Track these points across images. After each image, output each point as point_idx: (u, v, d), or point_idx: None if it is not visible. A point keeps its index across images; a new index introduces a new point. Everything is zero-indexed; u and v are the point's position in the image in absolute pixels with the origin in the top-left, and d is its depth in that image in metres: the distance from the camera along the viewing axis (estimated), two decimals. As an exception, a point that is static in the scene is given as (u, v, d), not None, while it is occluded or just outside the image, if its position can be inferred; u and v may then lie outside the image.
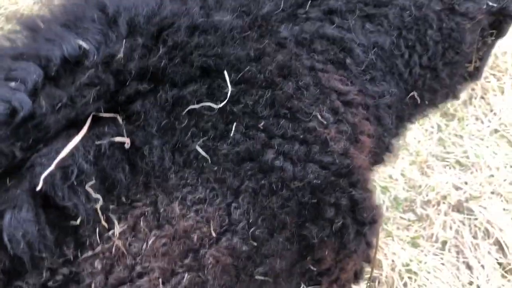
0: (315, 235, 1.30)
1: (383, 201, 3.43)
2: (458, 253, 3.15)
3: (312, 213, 1.33)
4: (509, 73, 4.00)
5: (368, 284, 2.85)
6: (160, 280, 1.14)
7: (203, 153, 1.25)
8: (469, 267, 3.08)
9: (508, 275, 3.01)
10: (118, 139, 1.15)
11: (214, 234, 1.20)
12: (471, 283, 2.99)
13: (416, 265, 3.05)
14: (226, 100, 1.28)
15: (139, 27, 1.28)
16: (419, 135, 3.76)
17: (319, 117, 1.37)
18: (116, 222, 1.14)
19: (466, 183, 3.43)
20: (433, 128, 3.82)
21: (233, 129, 1.29)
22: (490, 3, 1.80)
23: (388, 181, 3.54)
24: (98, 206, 1.11)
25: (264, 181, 1.29)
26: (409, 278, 2.99)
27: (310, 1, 1.55)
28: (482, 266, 3.05)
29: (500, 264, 3.07)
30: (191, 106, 1.24)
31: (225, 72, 1.31)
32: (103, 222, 1.12)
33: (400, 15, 1.65)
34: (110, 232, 1.14)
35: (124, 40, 1.23)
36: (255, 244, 1.24)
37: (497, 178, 3.42)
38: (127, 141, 1.15)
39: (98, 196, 1.12)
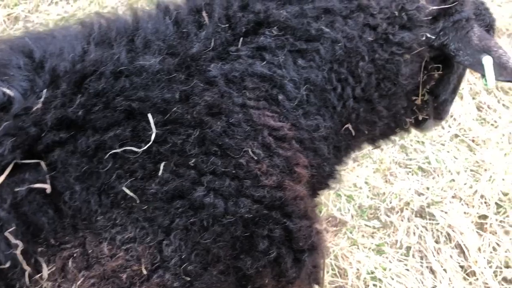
0: (249, 266, 1.34)
1: (348, 210, 3.49)
2: (422, 258, 3.22)
3: (245, 245, 1.36)
4: (466, 78, 4.10)
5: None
6: None
7: (130, 193, 1.27)
8: (432, 271, 3.15)
9: (469, 277, 3.08)
10: (38, 185, 1.17)
11: (145, 272, 1.22)
12: (434, 287, 3.06)
13: (381, 272, 3.10)
14: (150, 143, 1.31)
15: (63, 73, 1.30)
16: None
17: (251, 153, 1.40)
18: (44, 265, 1.15)
19: (428, 188, 3.51)
20: (395, 135, 3.90)
21: (161, 168, 1.32)
22: (428, 35, 1.75)
23: (352, 190, 3.60)
24: (18, 251, 1.12)
25: (195, 218, 1.31)
26: (374, 285, 3.04)
27: (241, 38, 1.56)
28: (445, 270, 3.13)
29: (461, 267, 3.14)
30: (113, 151, 1.26)
31: (149, 115, 1.33)
32: (25, 266, 1.13)
33: (331, 49, 1.63)
34: (38, 275, 1.15)
35: (45, 90, 1.24)
36: (188, 279, 1.27)
37: (458, 182, 3.51)
38: (47, 187, 1.16)
39: (18, 241, 1.13)
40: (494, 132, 3.79)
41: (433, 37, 1.76)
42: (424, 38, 1.74)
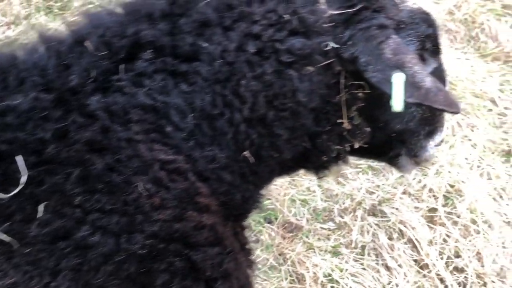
0: None
1: (303, 214, 3.52)
2: (377, 255, 3.28)
3: (143, 281, 1.35)
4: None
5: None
6: None
7: (7, 238, 1.24)
8: (387, 268, 3.21)
9: (423, 270, 3.16)
10: None
11: None
12: (390, 283, 3.12)
13: (338, 273, 3.15)
14: (20, 186, 1.27)
15: None
16: (332, 145, 3.89)
17: (141, 188, 1.36)
18: None
19: (378, 186, 3.58)
20: (345, 136, 3.96)
21: (40, 210, 1.29)
22: (332, 44, 1.50)
23: (306, 194, 3.64)
24: None
25: (83, 258, 1.29)
26: (332, 287, 3.08)
27: (122, 65, 1.46)
28: (400, 265, 3.19)
29: (415, 261, 3.22)
30: None
31: (17, 158, 1.29)
32: None
33: (212, 68, 1.47)
34: None
35: None
36: None
37: (407, 178, 3.59)
38: None
39: None
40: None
41: (338, 46, 1.51)
42: (328, 47, 1.50)
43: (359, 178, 3.67)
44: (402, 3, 1.68)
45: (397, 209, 3.41)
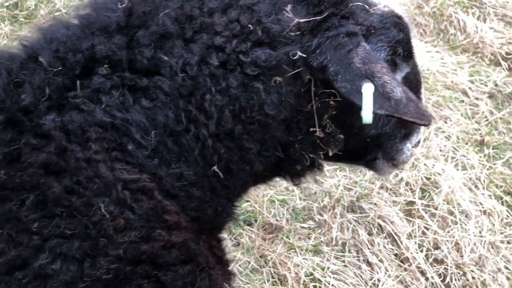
0: None
1: (283, 214, 3.51)
2: (358, 252, 3.29)
3: None
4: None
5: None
6: None
7: None
8: (369, 263, 3.22)
9: (404, 264, 3.18)
10: None
11: None
12: (372, 279, 3.13)
13: (320, 272, 3.14)
14: None
15: None
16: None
17: (103, 210, 1.31)
18: None
19: (356, 182, 3.59)
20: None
21: None
22: (300, 53, 1.45)
23: (285, 194, 3.63)
24: None
25: (43, 287, 1.24)
26: (314, 286, 3.07)
27: (78, 82, 1.40)
28: (381, 260, 3.21)
29: (396, 255, 3.24)
30: None
31: None
32: None
33: (174, 82, 1.41)
34: None
35: None
36: None
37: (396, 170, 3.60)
38: None
39: None
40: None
41: (305, 56, 1.46)
42: (296, 57, 1.45)
43: (337, 175, 3.67)
44: (373, 7, 1.63)
45: (375, 204, 3.43)
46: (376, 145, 1.85)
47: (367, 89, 1.42)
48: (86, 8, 1.57)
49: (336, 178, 3.63)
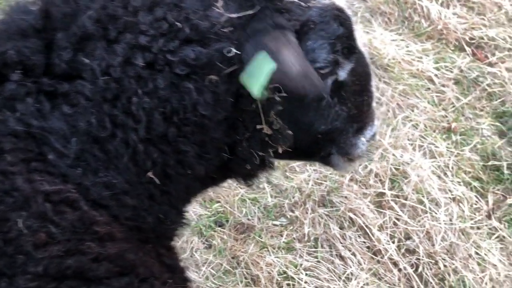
0: None
1: (254, 213, 3.47)
2: (330, 247, 3.27)
3: None
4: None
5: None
6: None
7: None
8: (342, 258, 3.21)
9: (376, 256, 3.18)
10: None
11: None
12: (345, 273, 3.12)
13: (292, 270, 3.12)
14: None
15: None
16: (277, 140, 3.86)
17: (21, 224, 1.24)
18: None
19: (326, 176, 3.57)
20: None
21: None
22: (235, 50, 1.37)
23: (256, 192, 3.59)
24: None
25: None
26: (288, 285, 3.05)
27: None
28: (353, 254, 3.20)
29: (368, 247, 3.23)
30: None
31: None
32: None
33: (97, 86, 1.34)
34: None
35: None
36: None
37: (353, 165, 3.58)
38: None
39: None
40: (380, 110, 3.92)
41: (236, 51, 1.38)
42: (231, 53, 1.37)
43: (307, 170, 3.64)
44: (312, 1, 1.56)
45: (345, 197, 3.42)
46: (328, 141, 1.81)
47: (265, 62, 1.34)
48: (4, 13, 1.48)
49: (307, 173, 3.60)
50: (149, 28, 1.37)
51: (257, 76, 1.33)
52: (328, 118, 1.72)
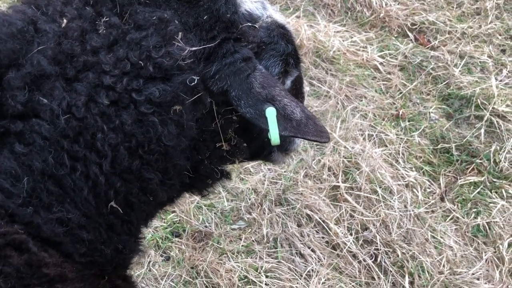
0: None
1: (211, 219, 3.42)
2: (290, 245, 3.25)
3: None
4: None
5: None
6: None
7: None
8: (302, 255, 3.20)
9: (335, 250, 3.18)
10: None
11: None
12: (306, 270, 3.11)
13: (253, 273, 3.08)
14: None
15: None
16: (228, 143, 3.81)
17: None
18: None
19: (280, 175, 3.55)
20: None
21: None
22: (196, 78, 1.41)
23: (212, 198, 3.53)
24: None
25: None
26: (249, 289, 3.02)
27: None
28: (313, 251, 3.19)
29: (327, 242, 3.23)
30: None
31: None
32: None
33: (56, 124, 1.32)
34: None
35: None
36: None
37: (306, 161, 3.59)
38: None
39: None
40: (329, 102, 3.92)
41: (204, 81, 1.47)
42: (195, 82, 1.42)
43: (262, 170, 3.62)
44: (259, 21, 1.64)
45: (301, 194, 3.40)
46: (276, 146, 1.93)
47: (271, 113, 1.48)
48: None
49: (261, 173, 3.58)
50: (112, 68, 1.36)
51: (272, 128, 1.47)
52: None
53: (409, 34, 4.45)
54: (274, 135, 1.47)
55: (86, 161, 1.35)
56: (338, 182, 3.40)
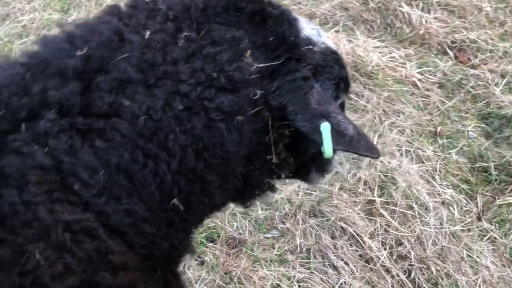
0: None
1: (245, 226, 3.47)
2: (323, 257, 3.27)
3: None
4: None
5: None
6: None
7: None
8: (335, 267, 3.21)
9: (369, 264, 3.18)
10: None
11: None
12: (339, 282, 3.12)
13: (286, 282, 3.11)
14: None
15: None
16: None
17: (38, 256, 1.25)
18: None
19: (315, 186, 3.57)
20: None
21: None
22: (259, 92, 1.55)
23: (246, 205, 3.58)
24: None
25: None
26: (282, 298, 3.04)
27: (23, 124, 1.37)
28: (346, 263, 3.20)
29: (360, 256, 3.23)
30: None
31: None
32: None
33: (134, 124, 1.44)
34: None
35: None
36: None
37: (342, 174, 3.60)
38: None
39: None
40: (366, 117, 3.94)
41: (266, 95, 1.58)
42: (257, 96, 1.56)
43: (295, 180, 3.65)
44: (316, 46, 1.75)
45: (336, 206, 3.42)
46: (311, 161, 2.00)
47: (326, 128, 1.56)
48: (35, 46, 1.52)
49: (296, 184, 3.61)
50: (189, 78, 1.50)
51: (326, 142, 1.55)
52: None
53: (449, 51, 4.43)
54: (327, 149, 1.54)
55: (157, 159, 1.46)
56: (374, 196, 3.40)
